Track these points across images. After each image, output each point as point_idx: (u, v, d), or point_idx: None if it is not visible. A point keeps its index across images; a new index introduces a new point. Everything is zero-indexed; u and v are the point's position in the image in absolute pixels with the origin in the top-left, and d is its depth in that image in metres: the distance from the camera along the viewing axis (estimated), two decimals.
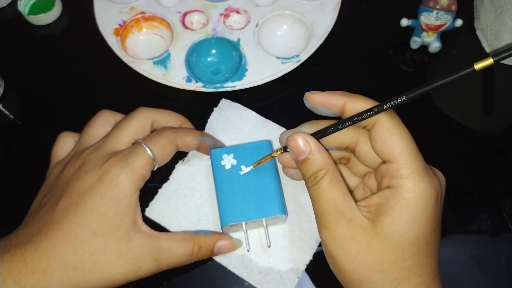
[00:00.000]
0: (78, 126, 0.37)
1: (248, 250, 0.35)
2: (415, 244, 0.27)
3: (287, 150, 0.30)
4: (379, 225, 0.27)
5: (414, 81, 0.47)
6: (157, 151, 0.32)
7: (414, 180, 0.26)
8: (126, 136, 0.33)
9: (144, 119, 0.35)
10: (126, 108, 0.37)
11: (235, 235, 0.36)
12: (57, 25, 0.51)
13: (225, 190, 0.35)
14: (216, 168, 0.36)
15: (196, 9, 0.48)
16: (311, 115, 0.42)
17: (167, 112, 0.37)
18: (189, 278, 0.36)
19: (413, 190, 0.26)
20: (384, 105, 0.27)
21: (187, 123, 0.39)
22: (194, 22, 0.48)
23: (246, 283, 0.36)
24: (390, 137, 0.27)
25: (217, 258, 0.36)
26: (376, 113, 0.27)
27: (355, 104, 0.29)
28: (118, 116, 0.36)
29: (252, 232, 0.37)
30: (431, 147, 0.42)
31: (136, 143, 0.33)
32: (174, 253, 0.31)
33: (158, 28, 0.48)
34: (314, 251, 0.36)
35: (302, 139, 0.28)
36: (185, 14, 0.48)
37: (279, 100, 0.45)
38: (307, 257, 0.36)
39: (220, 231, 0.36)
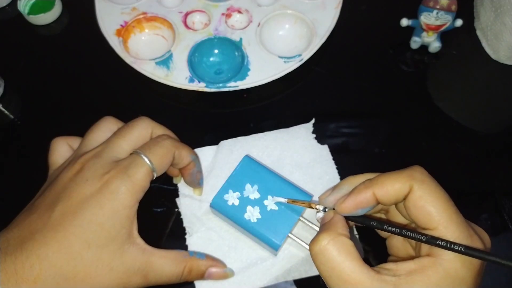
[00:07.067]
0: (78, 126, 0.36)
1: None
2: None
3: (326, 210, 0.31)
4: None
5: (414, 81, 0.47)
6: (156, 162, 0.32)
7: None
8: (127, 145, 0.33)
9: (145, 129, 0.34)
10: (128, 108, 0.37)
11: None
12: (57, 25, 0.51)
13: (251, 221, 0.35)
14: (228, 211, 0.35)
15: (198, 9, 0.48)
16: (310, 116, 0.43)
17: (167, 130, 0.36)
18: None
19: (454, 261, 0.25)
20: (439, 241, 0.25)
21: None
22: (196, 22, 0.48)
23: None
24: (425, 205, 0.26)
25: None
26: (425, 242, 0.26)
27: (382, 189, 0.27)
28: (121, 124, 0.36)
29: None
30: (431, 147, 0.43)
31: (135, 154, 0.32)
32: (163, 272, 0.31)
33: (160, 28, 0.48)
34: None
35: (327, 216, 0.29)
36: (186, 14, 0.48)
37: (279, 100, 0.45)
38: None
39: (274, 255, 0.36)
